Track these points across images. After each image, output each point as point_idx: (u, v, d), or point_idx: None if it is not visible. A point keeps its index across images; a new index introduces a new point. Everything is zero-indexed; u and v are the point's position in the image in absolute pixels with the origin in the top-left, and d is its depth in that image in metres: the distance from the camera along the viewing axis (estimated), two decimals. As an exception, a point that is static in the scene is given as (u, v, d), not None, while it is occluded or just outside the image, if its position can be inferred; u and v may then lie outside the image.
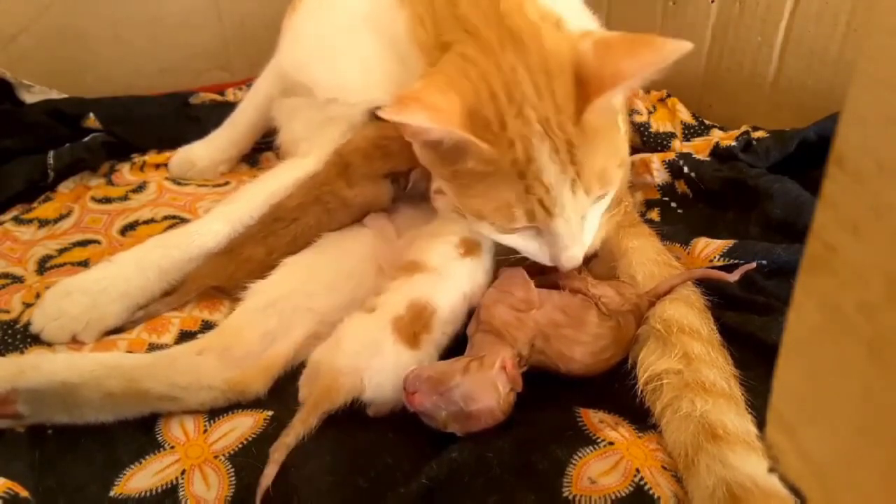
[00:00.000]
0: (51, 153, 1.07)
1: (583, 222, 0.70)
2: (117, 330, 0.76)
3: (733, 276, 0.75)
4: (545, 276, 0.75)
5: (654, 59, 0.61)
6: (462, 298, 0.72)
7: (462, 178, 0.68)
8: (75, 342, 0.74)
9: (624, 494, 0.55)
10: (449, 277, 0.72)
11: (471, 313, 0.73)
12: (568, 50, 0.66)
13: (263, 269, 0.77)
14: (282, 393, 0.69)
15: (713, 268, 0.79)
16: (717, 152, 1.05)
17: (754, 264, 0.76)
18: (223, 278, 0.80)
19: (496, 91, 0.65)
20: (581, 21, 0.82)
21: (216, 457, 0.61)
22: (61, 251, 0.91)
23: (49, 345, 0.73)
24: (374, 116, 0.84)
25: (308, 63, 0.89)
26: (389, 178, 0.82)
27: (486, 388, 0.60)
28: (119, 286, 0.77)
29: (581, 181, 0.66)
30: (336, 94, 0.86)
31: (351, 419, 0.64)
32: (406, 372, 0.63)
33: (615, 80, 0.62)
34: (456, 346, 0.71)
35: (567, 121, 0.65)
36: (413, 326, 0.67)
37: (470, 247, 0.74)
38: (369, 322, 0.67)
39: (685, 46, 0.60)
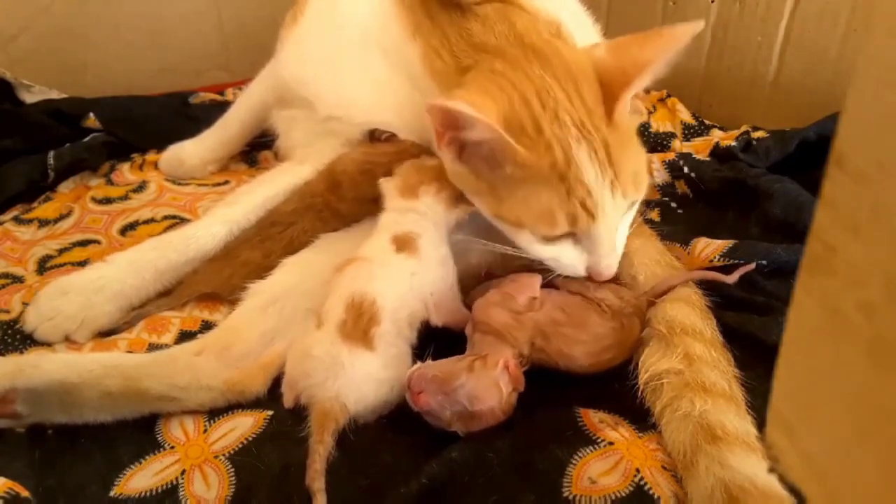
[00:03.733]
0: (51, 153, 1.07)
1: (616, 232, 0.70)
2: (113, 331, 0.76)
3: (732, 278, 0.75)
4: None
5: (668, 43, 0.64)
6: (408, 287, 0.68)
7: (500, 189, 0.68)
8: (68, 342, 0.73)
9: (624, 494, 0.54)
10: (385, 264, 0.69)
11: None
12: (586, 58, 0.69)
13: (260, 273, 0.77)
14: (281, 393, 0.69)
15: (713, 268, 0.79)
16: (717, 152, 1.05)
17: (753, 265, 0.76)
18: (218, 284, 0.80)
19: (529, 98, 0.66)
20: (579, 25, 0.82)
21: (216, 457, 0.61)
22: (61, 251, 0.91)
23: (49, 345, 0.73)
24: (367, 137, 0.84)
25: (312, 79, 0.89)
26: (378, 200, 0.81)
27: (490, 388, 0.60)
28: (114, 287, 0.77)
29: (619, 182, 0.66)
30: (340, 113, 0.86)
31: (351, 419, 0.64)
32: (371, 375, 0.63)
33: (637, 69, 0.64)
34: (456, 346, 0.70)
35: (600, 121, 0.66)
36: (358, 326, 0.64)
37: (402, 243, 0.70)
38: (322, 339, 0.65)
39: (696, 27, 0.63)
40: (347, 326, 0.65)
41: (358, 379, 0.63)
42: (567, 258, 0.69)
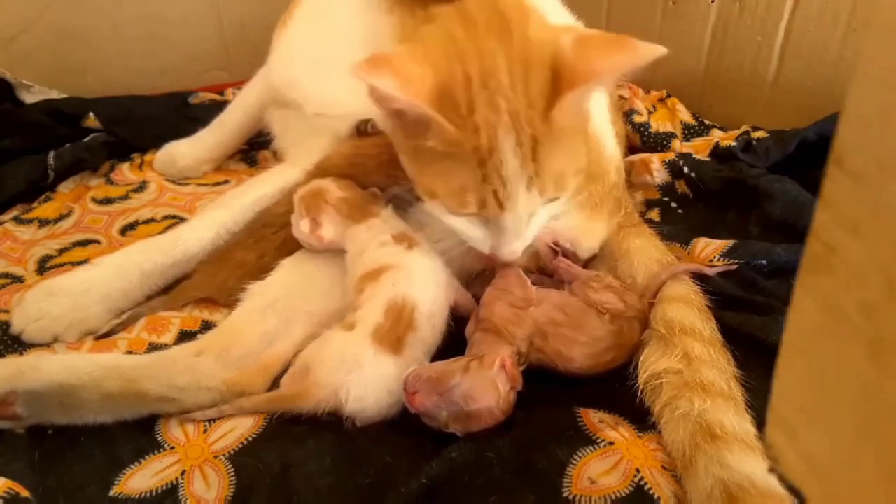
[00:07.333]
0: (51, 153, 1.07)
1: (530, 219, 0.69)
2: (109, 332, 0.76)
3: (712, 271, 0.77)
4: (545, 276, 0.75)
5: (626, 59, 0.62)
6: (436, 286, 0.70)
7: (422, 155, 0.67)
8: (56, 343, 0.74)
9: (624, 494, 0.54)
10: (413, 268, 0.71)
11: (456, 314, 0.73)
12: (550, 42, 0.66)
13: (256, 274, 0.77)
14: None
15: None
16: (717, 152, 1.05)
17: (735, 265, 0.78)
18: (214, 288, 0.80)
19: (472, 75, 0.64)
20: (561, 18, 0.82)
21: (216, 457, 0.61)
22: (61, 251, 0.91)
23: (48, 345, 0.73)
24: (354, 131, 0.84)
25: (299, 81, 0.89)
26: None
27: (487, 387, 0.60)
28: (101, 289, 0.77)
29: (537, 180, 0.65)
30: (325, 109, 0.86)
31: (349, 419, 0.64)
32: (385, 379, 0.63)
33: (588, 76, 0.62)
34: (456, 348, 0.71)
35: (536, 116, 0.64)
36: (395, 330, 0.66)
37: (408, 241, 0.73)
38: (349, 339, 0.66)
39: (658, 51, 0.61)
40: (383, 330, 0.65)
41: (368, 381, 0.63)
42: (473, 235, 0.70)
